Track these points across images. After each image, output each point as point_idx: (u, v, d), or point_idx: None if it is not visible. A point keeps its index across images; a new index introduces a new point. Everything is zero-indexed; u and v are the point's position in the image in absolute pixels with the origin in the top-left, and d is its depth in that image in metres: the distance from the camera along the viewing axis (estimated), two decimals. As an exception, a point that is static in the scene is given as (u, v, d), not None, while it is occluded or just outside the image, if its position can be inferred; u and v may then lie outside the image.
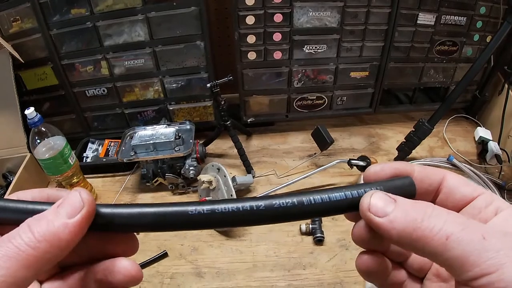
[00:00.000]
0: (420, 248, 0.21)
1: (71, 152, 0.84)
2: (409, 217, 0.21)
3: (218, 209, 0.24)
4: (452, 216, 0.21)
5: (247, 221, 0.25)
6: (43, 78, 0.95)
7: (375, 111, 1.04)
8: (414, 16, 0.91)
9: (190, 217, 0.24)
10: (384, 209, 0.22)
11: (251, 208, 0.24)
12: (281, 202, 0.24)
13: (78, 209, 0.22)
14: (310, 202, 0.24)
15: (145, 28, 0.87)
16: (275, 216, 0.24)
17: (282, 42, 0.90)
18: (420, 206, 0.22)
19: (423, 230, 0.20)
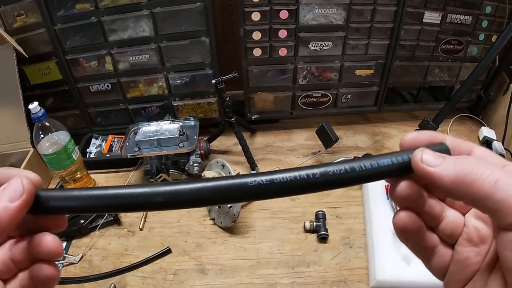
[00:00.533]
0: (471, 193, 0.22)
1: (74, 148, 0.84)
2: (460, 165, 0.23)
3: (276, 179, 0.25)
4: (497, 167, 0.23)
5: (303, 189, 0.26)
6: (47, 73, 0.95)
7: (379, 110, 1.04)
8: (420, 14, 0.91)
9: (250, 187, 0.25)
10: (437, 161, 0.24)
11: (308, 177, 0.25)
12: (335, 169, 0.25)
13: (19, 195, 0.25)
14: (361, 168, 0.25)
15: (150, 23, 0.87)
16: (330, 182, 0.25)
17: (287, 39, 0.90)
18: (467, 158, 0.24)
19: (474, 175, 0.22)
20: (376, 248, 0.72)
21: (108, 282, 0.73)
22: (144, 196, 0.26)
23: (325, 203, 0.85)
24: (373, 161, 0.25)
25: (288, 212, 0.84)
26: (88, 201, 0.26)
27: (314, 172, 0.25)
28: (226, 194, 0.26)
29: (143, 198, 0.26)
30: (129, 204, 0.26)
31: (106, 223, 0.84)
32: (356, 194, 0.87)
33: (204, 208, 0.85)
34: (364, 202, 0.84)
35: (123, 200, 0.26)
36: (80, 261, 0.78)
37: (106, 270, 0.75)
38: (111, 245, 0.81)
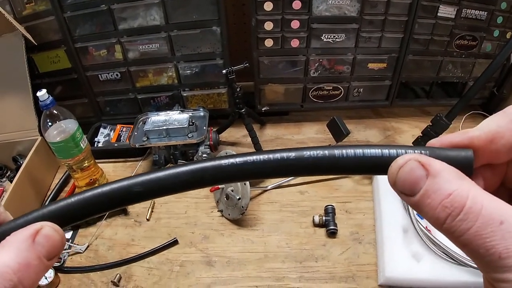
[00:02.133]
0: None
1: (82, 136, 0.83)
2: (433, 212, 0.20)
3: (250, 160, 0.24)
4: (479, 224, 0.19)
5: (276, 172, 0.24)
6: (55, 61, 0.94)
7: (391, 104, 1.02)
8: (435, 8, 0.89)
9: (224, 168, 0.24)
10: (413, 188, 0.20)
11: (282, 158, 0.23)
12: (311, 152, 0.23)
13: (57, 252, 0.22)
14: (342, 155, 0.23)
15: (160, 12, 0.86)
16: (305, 167, 0.23)
17: (300, 30, 0.88)
18: (452, 199, 0.19)
19: (444, 231, 0.20)
20: (385, 245, 0.71)
21: (114, 272, 0.73)
22: (122, 190, 0.25)
23: (334, 198, 0.84)
24: (358, 150, 0.22)
25: (297, 206, 0.83)
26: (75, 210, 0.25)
27: (289, 155, 0.23)
28: (199, 177, 0.24)
29: (121, 193, 0.25)
30: (112, 201, 0.25)
31: (113, 213, 0.83)
32: (366, 189, 0.86)
33: (212, 200, 0.84)
34: (374, 197, 0.82)
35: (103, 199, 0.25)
36: (86, 251, 0.78)
37: (112, 260, 0.74)
38: (118, 235, 0.80)
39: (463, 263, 0.65)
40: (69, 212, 0.25)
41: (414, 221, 0.72)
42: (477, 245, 0.18)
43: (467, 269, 0.65)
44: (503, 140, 0.21)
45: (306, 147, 0.24)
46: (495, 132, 0.22)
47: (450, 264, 0.66)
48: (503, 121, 0.22)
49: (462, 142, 0.22)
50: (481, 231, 0.18)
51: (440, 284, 0.66)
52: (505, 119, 0.22)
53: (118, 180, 0.25)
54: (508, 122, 0.22)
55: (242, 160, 0.24)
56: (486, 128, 0.22)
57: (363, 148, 0.23)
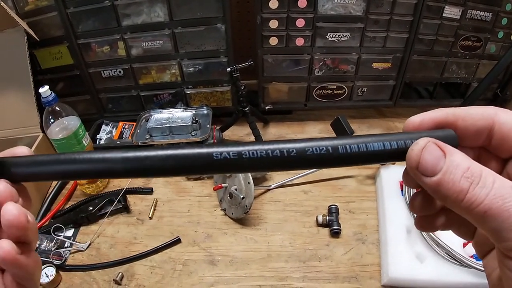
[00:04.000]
0: (462, 214, 0.22)
1: (85, 133, 0.83)
2: (456, 185, 0.21)
3: (245, 154, 0.23)
4: (496, 187, 0.21)
5: (270, 166, 0.23)
6: (58, 57, 0.94)
7: (395, 104, 1.02)
8: (440, 8, 0.89)
9: (215, 161, 0.23)
10: (434, 168, 0.22)
11: (282, 154, 0.22)
12: (314, 148, 0.22)
13: None
14: (346, 150, 0.23)
15: (164, 8, 0.85)
16: (307, 163, 0.23)
17: (305, 29, 0.88)
18: (472, 170, 0.21)
19: (465, 202, 0.21)
20: (389, 245, 0.70)
21: (116, 271, 0.72)
22: (106, 163, 0.24)
23: (338, 197, 0.83)
24: (361, 143, 0.23)
25: (300, 205, 0.82)
26: (53, 167, 0.24)
27: (290, 150, 0.23)
28: (188, 165, 0.23)
29: (104, 165, 0.24)
30: (89, 171, 0.25)
31: (115, 211, 0.82)
32: (370, 189, 0.85)
33: (215, 198, 0.84)
34: (378, 197, 0.82)
35: (84, 166, 0.24)
36: (87, 249, 0.77)
37: (114, 258, 0.74)
38: (120, 233, 0.80)
39: (466, 265, 0.65)
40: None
41: (417, 222, 0.72)
42: (496, 207, 0.20)
43: (470, 271, 0.65)
44: (471, 120, 0.24)
45: (309, 140, 0.23)
46: (466, 113, 0.25)
47: (453, 265, 0.66)
48: (477, 108, 0.25)
49: (445, 117, 0.25)
50: (499, 193, 0.20)
51: (443, 285, 0.66)
52: (480, 109, 0.25)
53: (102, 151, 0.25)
54: (482, 110, 0.24)
55: (236, 151, 0.23)
56: (459, 108, 0.25)
57: (366, 142, 0.23)
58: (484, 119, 0.24)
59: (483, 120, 0.24)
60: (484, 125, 0.24)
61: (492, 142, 0.25)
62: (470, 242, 0.69)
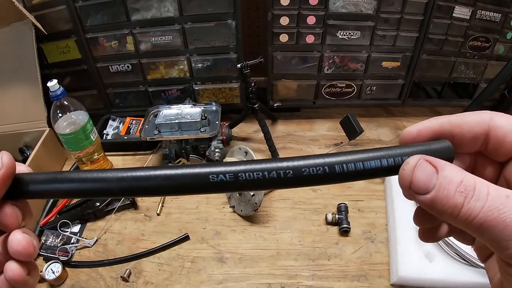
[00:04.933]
0: (460, 227, 0.22)
1: (93, 128, 0.82)
2: (451, 201, 0.21)
3: (241, 176, 0.23)
4: (491, 198, 0.20)
5: (266, 186, 0.24)
6: (65, 52, 0.93)
7: (403, 103, 1.02)
8: (451, 8, 0.88)
9: (211, 184, 0.23)
10: (427, 185, 0.22)
11: (279, 176, 0.23)
12: (311, 169, 0.23)
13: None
14: (343, 169, 0.23)
15: (175, 3, 0.84)
16: (304, 182, 0.23)
17: (315, 26, 0.87)
18: (465, 184, 0.21)
19: (461, 217, 0.21)
20: (398, 244, 0.70)
21: (123, 267, 0.71)
22: (104, 182, 0.24)
23: (347, 196, 0.83)
24: (358, 162, 0.23)
25: (309, 203, 0.82)
26: (67, 185, 0.24)
27: (286, 171, 0.23)
28: (186, 186, 0.24)
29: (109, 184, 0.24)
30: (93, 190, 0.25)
31: (122, 207, 0.82)
32: (379, 188, 0.85)
33: (223, 195, 0.84)
34: (387, 196, 0.82)
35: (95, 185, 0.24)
36: (94, 245, 0.76)
37: (121, 255, 0.73)
38: (127, 230, 0.79)
39: (475, 264, 0.65)
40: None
41: (427, 221, 0.72)
42: (492, 219, 0.20)
43: (478, 270, 0.65)
44: (468, 127, 0.24)
45: (306, 158, 0.23)
46: (462, 121, 0.25)
47: (462, 265, 0.66)
48: (471, 115, 0.25)
49: (441, 126, 0.25)
50: (493, 205, 0.20)
51: (452, 284, 0.66)
52: (475, 115, 0.25)
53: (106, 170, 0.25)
54: (477, 116, 0.24)
55: (233, 172, 0.23)
56: (454, 116, 0.25)
57: (363, 160, 0.23)
58: (479, 125, 0.24)
59: (479, 126, 0.24)
60: (480, 131, 0.24)
61: (489, 147, 0.25)
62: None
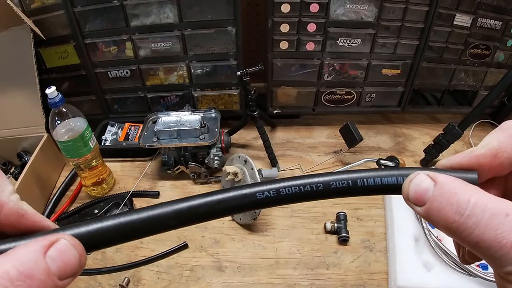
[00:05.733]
0: (458, 241, 0.22)
1: (91, 135, 0.81)
2: (442, 213, 0.21)
3: (282, 191, 0.26)
4: (487, 216, 0.20)
5: (303, 199, 0.27)
6: (64, 57, 0.92)
7: (403, 111, 1.02)
8: (451, 16, 0.88)
9: (258, 200, 0.26)
10: (422, 198, 0.22)
11: (311, 189, 0.26)
12: (337, 183, 0.26)
13: (73, 272, 0.20)
14: (363, 183, 0.26)
15: (174, 10, 0.84)
16: (332, 194, 0.26)
17: (316, 33, 0.87)
18: (457, 198, 0.21)
19: (455, 231, 0.21)
20: (397, 253, 0.70)
21: (122, 276, 0.71)
22: (159, 220, 0.25)
23: (346, 204, 0.83)
24: (377, 178, 0.26)
25: (308, 212, 0.82)
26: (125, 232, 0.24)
27: (318, 185, 0.26)
28: (236, 206, 0.26)
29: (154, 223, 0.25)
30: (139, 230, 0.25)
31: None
32: (377, 196, 0.85)
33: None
34: (386, 205, 0.82)
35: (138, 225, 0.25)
36: (93, 253, 0.76)
37: (120, 263, 0.73)
38: (126, 237, 0.79)
39: (473, 274, 0.65)
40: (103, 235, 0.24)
41: (425, 230, 0.72)
42: (488, 239, 0.19)
43: (476, 280, 0.65)
44: (506, 153, 0.24)
45: (332, 174, 0.26)
46: (498, 147, 0.24)
47: (460, 274, 0.66)
48: (502, 136, 0.24)
49: (470, 161, 0.24)
50: (490, 224, 0.19)
51: (450, 293, 0.66)
52: (503, 134, 0.24)
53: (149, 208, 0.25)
54: (507, 137, 0.24)
55: (275, 189, 0.26)
56: (490, 145, 0.24)
57: (381, 177, 0.26)
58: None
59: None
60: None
61: None
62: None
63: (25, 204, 0.23)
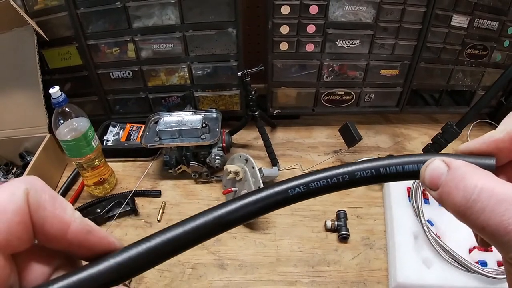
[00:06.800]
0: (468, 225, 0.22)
1: (94, 135, 0.82)
2: (451, 197, 0.22)
3: (311, 185, 0.27)
4: (493, 202, 0.20)
5: (330, 190, 0.27)
6: (66, 58, 0.93)
7: (401, 111, 1.03)
8: (449, 17, 0.90)
9: (291, 196, 0.27)
10: (436, 182, 0.23)
11: (338, 180, 0.27)
12: (361, 172, 0.26)
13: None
14: (386, 171, 0.26)
15: (176, 11, 0.85)
16: (356, 183, 0.27)
17: (315, 35, 0.88)
18: (465, 182, 0.21)
19: (462, 215, 0.21)
20: (396, 251, 0.71)
21: (124, 273, 0.72)
22: (201, 228, 0.25)
23: (346, 203, 0.84)
24: (399, 166, 0.26)
25: (309, 210, 0.83)
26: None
27: (344, 175, 0.27)
28: (272, 203, 0.26)
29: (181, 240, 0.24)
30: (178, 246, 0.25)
31: (123, 213, 0.82)
32: (377, 195, 0.86)
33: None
34: (385, 203, 0.83)
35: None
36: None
37: (122, 261, 0.73)
38: (128, 236, 0.79)
39: (472, 270, 0.66)
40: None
41: (425, 227, 0.73)
42: (495, 224, 0.20)
43: (476, 276, 0.66)
44: None
45: (356, 164, 0.27)
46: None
47: (459, 270, 0.67)
48: None
49: (489, 147, 0.24)
50: (497, 209, 0.20)
51: (450, 290, 0.67)
52: None
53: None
54: None
55: (304, 183, 0.27)
56: (508, 129, 0.24)
57: (403, 164, 0.26)
58: None
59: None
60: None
61: None
62: (476, 248, 0.70)
63: (89, 221, 0.23)
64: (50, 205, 0.21)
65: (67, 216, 0.21)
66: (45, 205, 0.21)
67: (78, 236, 0.22)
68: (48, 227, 0.21)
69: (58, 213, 0.21)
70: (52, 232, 0.21)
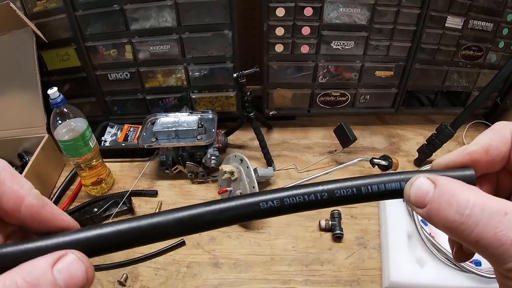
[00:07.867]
0: (458, 241, 0.23)
1: (92, 135, 0.83)
2: (442, 214, 0.22)
3: (286, 201, 0.26)
4: (486, 216, 0.21)
5: (307, 208, 0.26)
6: (65, 59, 0.94)
7: (396, 112, 1.03)
8: (443, 18, 0.90)
9: (261, 210, 0.26)
10: (423, 199, 0.23)
11: (316, 198, 0.26)
12: (342, 191, 0.26)
13: (80, 284, 0.21)
14: (367, 190, 0.26)
15: (173, 14, 0.86)
16: (336, 202, 0.26)
17: (310, 36, 0.89)
18: (457, 198, 0.22)
19: (455, 231, 0.22)
20: (390, 250, 0.72)
21: (120, 272, 0.72)
22: (160, 227, 0.25)
23: (340, 203, 0.84)
24: (381, 185, 0.26)
25: (303, 210, 0.83)
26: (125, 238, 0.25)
27: (322, 193, 0.26)
28: (240, 214, 0.26)
29: (159, 229, 0.25)
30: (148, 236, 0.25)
31: (120, 212, 0.83)
32: (372, 195, 0.86)
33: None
34: (379, 203, 0.84)
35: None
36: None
37: (119, 260, 0.74)
38: (124, 235, 0.80)
39: (466, 270, 0.66)
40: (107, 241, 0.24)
41: (418, 227, 0.73)
42: (488, 237, 0.20)
43: (469, 275, 0.66)
44: (496, 150, 0.25)
45: (337, 182, 0.26)
46: (489, 144, 0.25)
47: (453, 270, 0.68)
48: (494, 135, 0.26)
49: (464, 158, 0.26)
50: (490, 222, 0.20)
51: (443, 289, 0.67)
52: (495, 134, 0.26)
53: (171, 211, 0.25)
54: (498, 136, 0.25)
55: (279, 198, 0.26)
56: (482, 142, 0.26)
57: (385, 182, 0.26)
58: (504, 144, 0.25)
59: (505, 146, 0.25)
60: (506, 150, 0.25)
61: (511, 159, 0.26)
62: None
63: (46, 198, 0.24)
64: (8, 181, 0.22)
65: (23, 190, 0.23)
66: (4, 181, 0.22)
67: (32, 209, 0.23)
68: (5, 201, 0.22)
69: (15, 188, 0.22)
70: (9, 205, 0.22)
